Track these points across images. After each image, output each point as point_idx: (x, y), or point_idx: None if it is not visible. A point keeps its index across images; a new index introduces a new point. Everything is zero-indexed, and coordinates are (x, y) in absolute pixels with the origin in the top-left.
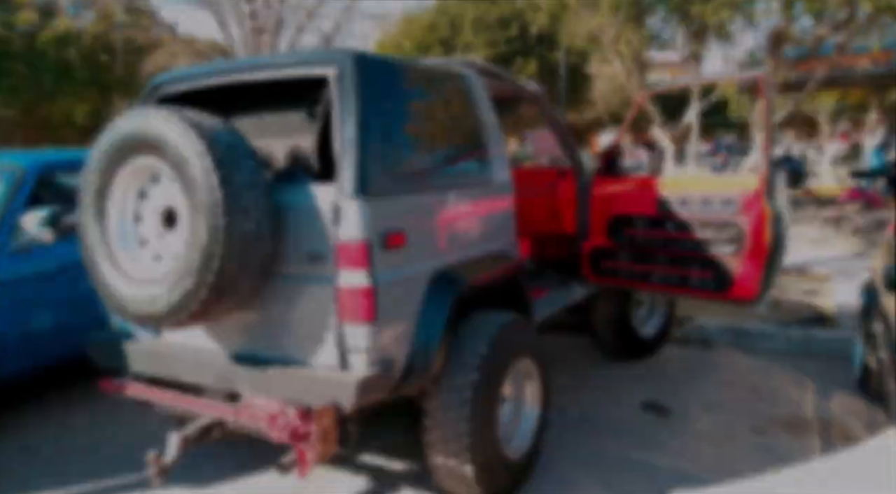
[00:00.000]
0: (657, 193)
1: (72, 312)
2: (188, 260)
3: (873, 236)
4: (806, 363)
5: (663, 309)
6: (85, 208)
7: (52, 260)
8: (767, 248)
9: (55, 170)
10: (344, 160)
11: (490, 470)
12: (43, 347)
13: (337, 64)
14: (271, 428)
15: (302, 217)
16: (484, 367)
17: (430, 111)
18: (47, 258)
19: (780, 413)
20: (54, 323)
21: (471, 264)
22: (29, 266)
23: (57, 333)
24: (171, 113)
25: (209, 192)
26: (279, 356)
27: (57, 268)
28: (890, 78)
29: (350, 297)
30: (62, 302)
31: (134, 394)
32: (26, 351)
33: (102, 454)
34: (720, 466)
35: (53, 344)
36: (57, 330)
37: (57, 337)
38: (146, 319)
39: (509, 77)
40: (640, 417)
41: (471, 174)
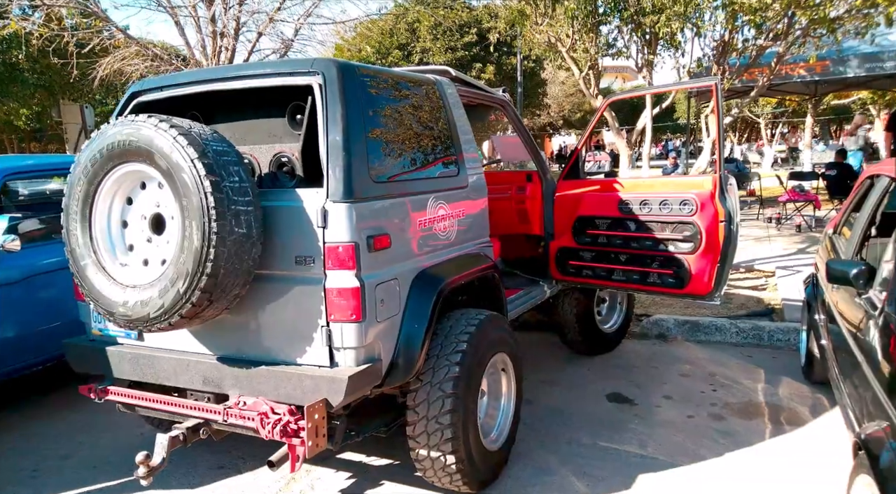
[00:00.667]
0: (619, 195)
1: (40, 319)
2: (180, 263)
3: (813, 234)
4: (756, 353)
5: (623, 306)
6: (71, 214)
7: (17, 269)
8: (721, 246)
9: (18, 177)
10: (330, 165)
11: (471, 461)
12: (11, 355)
13: (321, 73)
14: (262, 427)
15: (289, 220)
16: (464, 363)
17: (407, 117)
18: (13, 266)
19: (734, 400)
20: (23, 331)
21: (449, 264)
22: None
23: (25, 341)
24: (162, 121)
25: (202, 198)
26: (266, 356)
27: (23, 276)
28: (824, 84)
29: (339, 297)
30: (30, 310)
31: (116, 399)
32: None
33: (79, 460)
34: (684, 451)
35: (23, 352)
36: (26, 338)
37: (26, 344)
38: (136, 322)
39: (479, 85)
40: (606, 408)
41: (447, 177)
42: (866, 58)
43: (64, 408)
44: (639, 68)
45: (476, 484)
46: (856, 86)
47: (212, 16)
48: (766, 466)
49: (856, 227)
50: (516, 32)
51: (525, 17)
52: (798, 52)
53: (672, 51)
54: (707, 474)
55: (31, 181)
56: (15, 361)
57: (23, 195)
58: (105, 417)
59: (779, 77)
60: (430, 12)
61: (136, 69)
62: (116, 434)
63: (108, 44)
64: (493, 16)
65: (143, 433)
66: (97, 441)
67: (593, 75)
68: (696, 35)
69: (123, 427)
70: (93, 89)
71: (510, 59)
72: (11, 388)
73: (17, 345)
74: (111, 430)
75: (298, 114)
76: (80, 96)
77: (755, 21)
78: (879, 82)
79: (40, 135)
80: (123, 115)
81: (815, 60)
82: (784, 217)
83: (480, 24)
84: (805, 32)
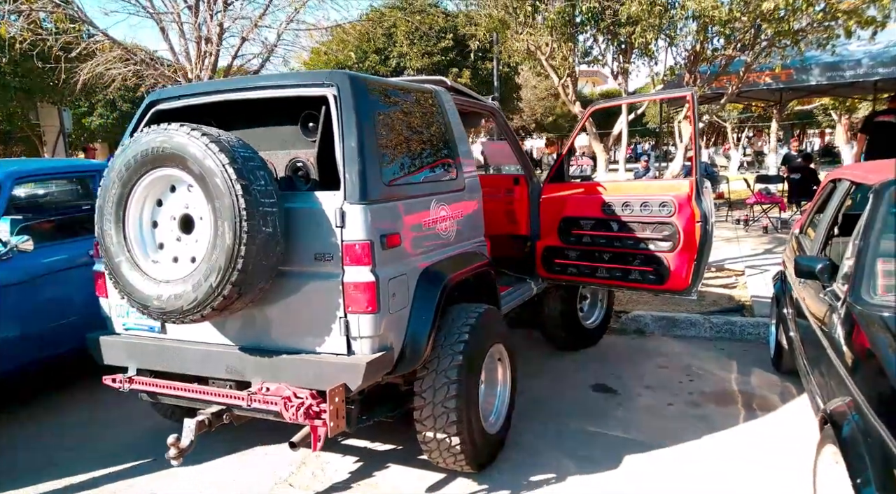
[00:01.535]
0: (602, 197)
1: (54, 316)
2: (213, 260)
3: (779, 235)
4: (728, 346)
5: (604, 303)
6: (105, 215)
7: (32, 268)
8: (697, 245)
9: (26, 180)
10: (347, 170)
11: (473, 443)
12: (29, 350)
13: (336, 85)
14: (286, 410)
15: (309, 221)
16: (466, 352)
17: (411, 124)
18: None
19: (709, 389)
20: (39, 327)
21: (451, 261)
22: (10, 274)
23: (41, 336)
24: (194, 129)
25: (233, 200)
26: (286, 346)
27: (38, 275)
28: (788, 91)
29: (356, 291)
30: (44, 307)
31: (141, 388)
32: (10, 354)
33: (95, 448)
34: (665, 435)
35: (39, 347)
36: (41, 334)
37: (42, 339)
38: (170, 314)
39: (471, 93)
40: (591, 397)
41: (447, 180)
42: (827, 67)
43: (81, 402)
44: (614, 76)
45: (477, 465)
46: (818, 94)
47: (197, 22)
48: (741, 446)
49: (820, 227)
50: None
51: (505, 25)
52: (765, 61)
53: (646, 59)
54: (688, 454)
55: (37, 184)
56: (37, 353)
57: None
58: (117, 409)
59: (746, 84)
60: (407, 17)
61: (118, 73)
62: (130, 425)
63: (94, 48)
64: (472, 23)
65: (153, 425)
66: (113, 431)
67: (571, 82)
68: (669, 45)
69: (135, 418)
70: (74, 93)
71: (486, 64)
72: (27, 383)
73: (37, 338)
74: (125, 422)
75: (311, 123)
76: (60, 100)
77: (724, 32)
78: (840, 90)
79: (7, 138)
80: (143, 123)
81: (781, 69)
82: (751, 219)
83: (457, 30)
84: (771, 43)
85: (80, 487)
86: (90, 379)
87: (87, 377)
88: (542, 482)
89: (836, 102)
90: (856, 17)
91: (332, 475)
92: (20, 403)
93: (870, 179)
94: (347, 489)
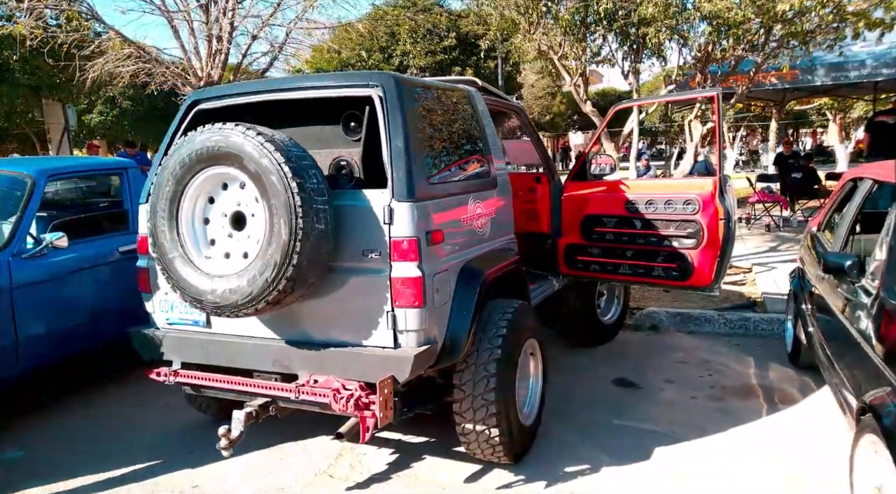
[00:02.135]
0: (626, 196)
1: (85, 311)
2: (268, 255)
3: (781, 233)
4: (743, 342)
5: (621, 299)
6: (159, 212)
7: (65, 264)
8: (721, 242)
9: (59, 177)
10: (394, 168)
11: (511, 434)
12: (59, 345)
13: (381, 85)
14: (335, 401)
15: (357, 218)
16: (504, 346)
17: (448, 124)
18: (60, 262)
19: (730, 383)
20: (70, 323)
21: (487, 258)
22: (45, 270)
23: (72, 331)
24: (249, 128)
25: (289, 198)
26: (333, 339)
27: (70, 271)
28: (792, 91)
29: (403, 286)
30: (76, 302)
31: (187, 381)
32: (44, 349)
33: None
34: (692, 428)
35: (69, 342)
36: (72, 329)
37: (73, 334)
38: (224, 309)
39: (499, 93)
40: (614, 392)
41: (481, 178)
42: (832, 67)
43: (112, 396)
44: (625, 75)
45: (514, 456)
46: (819, 94)
47: (210, 20)
48: (768, 438)
49: (841, 224)
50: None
51: (516, 25)
52: (774, 62)
53: (655, 59)
54: (717, 446)
55: (68, 181)
56: (81, 343)
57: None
58: (148, 404)
59: (753, 84)
60: (411, 16)
61: (128, 71)
62: (163, 419)
63: (106, 46)
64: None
65: (186, 419)
66: (147, 425)
67: (582, 82)
68: (682, 46)
69: (167, 413)
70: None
71: (489, 63)
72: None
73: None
74: (158, 416)
75: (352, 122)
76: (67, 97)
77: (737, 34)
78: (841, 90)
79: (4, 135)
80: (185, 122)
81: (788, 69)
82: (753, 217)
83: (459, 29)
84: (780, 44)
85: (120, 480)
86: (119, 374)
87: (117, 372)
88: (576, 473)
89: (836, 102)
90: (864, 18)
91: (370, 466)
92: (54, 398)
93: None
94: (387, 479)
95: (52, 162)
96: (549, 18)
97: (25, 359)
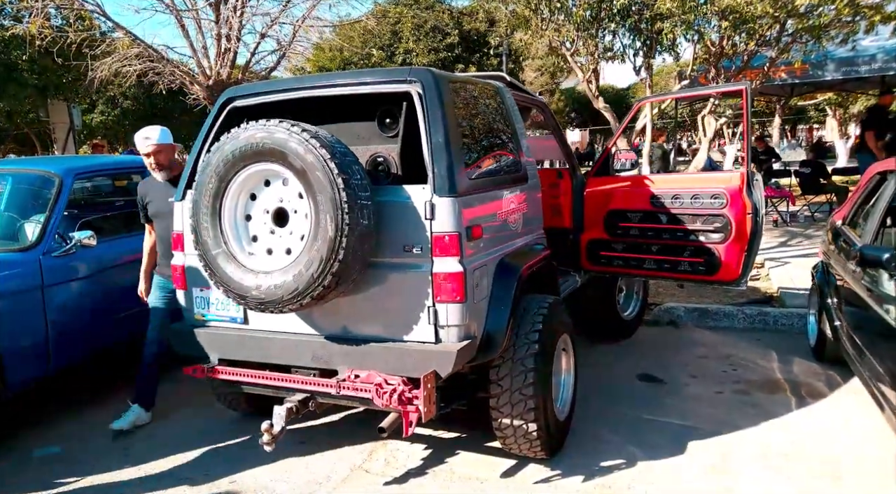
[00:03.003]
0: (651, 190)
1: (114, 308)
2: (314, 251)
3: (789, 228)
4: (763, 336)
5: (640, 294)
6: (202, 209)
7: (93, 262)
8: (749, 236)
9: (86, 176)
10: (435, 164)
11: (548, 429)
12: (90, 342)
13: (420, 81)
14: (378, 397)
15: (399, 213)
16: (541, 340)
17: (482, 118)
18: (88, 260)
19: (755, 378)
20: (100, 320)
21: (521, 252)
22: (74, 268)
23: (102, 328)
24: (293, 125)
25: (335, 193)
26: (373, 334)
27: (98, 269)
28: (800, 86)
29: (445, 281)
30: (105, 300)
31: (226, 377)
32: (75, 347)
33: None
34: (722, 422)
35: (100, 339)
36: (102, 326)
37: (103, 331)
38: (269, 305)
39: (524, 88)
40: (638, 386)
41: (514, 172)
42: (843, 62)
43: None
44: (637, 71)
45: (549, 451)
46: (825, 89)
47: (219, 19)
48: (801, 432)
49: (871, 218)
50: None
51: (527, 22)
52: (787, 57)
53: (667, 54)
54: (749, 440)
55: (93, 180)
56: (112, 339)
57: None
58: (176, 399)
59: (766, 79)
60: (413, 13)
61: (135, 70)
62: (195, 415)
63: (114, 45)
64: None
65: (217, 414)
66: (179, 420)
67: (595, 78)
68: (697, 41)
69: (198, 408)
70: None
71: (491, 60)
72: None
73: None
74: (189, 412)
75: (387, 119)
76: (74, 96)
77: (754, 27)
78: (848, 85)
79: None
80: (219, 120)
81: (800, 64)
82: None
83: (462, 26)
84: (793, 38)
85: (156, 478)
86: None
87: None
88: (612, 467)
89: (840, 98)
90: (879, 12)
91: (405, 462)
92: (92, 394)
93: None
94: (423, 475)
95: (78, 161)
96: (560, 14)
97: (57, 357)
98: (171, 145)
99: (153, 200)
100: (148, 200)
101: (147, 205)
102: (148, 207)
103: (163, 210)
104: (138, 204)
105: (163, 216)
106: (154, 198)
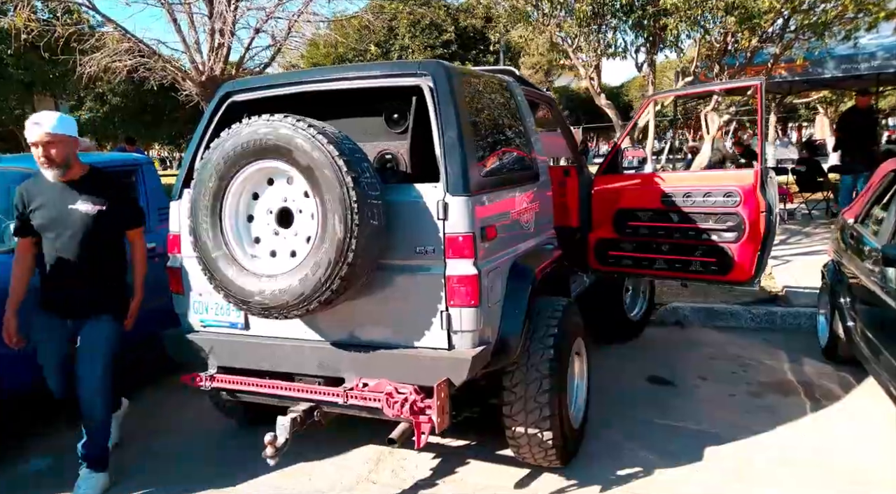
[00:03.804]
0: (661, 188)
1: None
2: (321, 253)
3: (787, 226)
4: (771, 336)
5: (646, 294)
6: (201, 209)
7: None
8: (762, 235)
9: None
10: (448, 161)
11: (564, 437)
12: None
13: (431, 75)
14: (389, 406)
15: (409, 213)
16: (556, 345)
17: (494, 114)
18: None
19: (766, 379)
20: None
21: (534, 253)
22: None
23: None
24: (299, 120)
25: (344, 192)
26: (382, 340)
27: None
28: (799, 83)
29: (459, 284)
30: None
31: (224, 386)
32: None
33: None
34: (737, 426)
35: None
36: None
37: None
38: (273, 310)
39: (533, 84)
40: (649, 389)
41: (526, 170)
42: (843, 59)
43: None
44: (639, 67)
45: (564, 459)
46: (822, 87)
47: (212, 13)
48: (820, 435)
49: (888, 217)
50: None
51: (528, 17)
52: (789, 53)
53: (670, 50)
54: (768, 444)
55: None
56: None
57: None
58: (178, 411)
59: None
60: (409, 9)
61: (125, 65)
62: (202, 424)
63: (103, 40)
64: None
65: (224, 424)
66: (177, 433)
67: (597, 74)
68: (702, 37)
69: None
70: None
71: (488, 57)
72: None
73: None
74: (189, 424)
75: (395, 114)
76: (61, 92)
77: (760, 23)
78: (845, 82)
79: None
80: (217, 115)
81: (802, 61)
82: None
83: (458, 23)
84: (796, 35)
85: (154, 491)
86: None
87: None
88: (629, 475)
89: (834, 95)
90: (882, 9)
91: (413, 472)
92: None
93: None
94: (433, 486)
95: (87, 158)
96: (562, 10)
97: None
98: (72, 138)
99: (44, 206)
100: (35, 206)
101: (33, 213)
102: (34, 215)
103: (60, 218)
104: (15, 209)
105: (60, 226)
106: (45, 202)
